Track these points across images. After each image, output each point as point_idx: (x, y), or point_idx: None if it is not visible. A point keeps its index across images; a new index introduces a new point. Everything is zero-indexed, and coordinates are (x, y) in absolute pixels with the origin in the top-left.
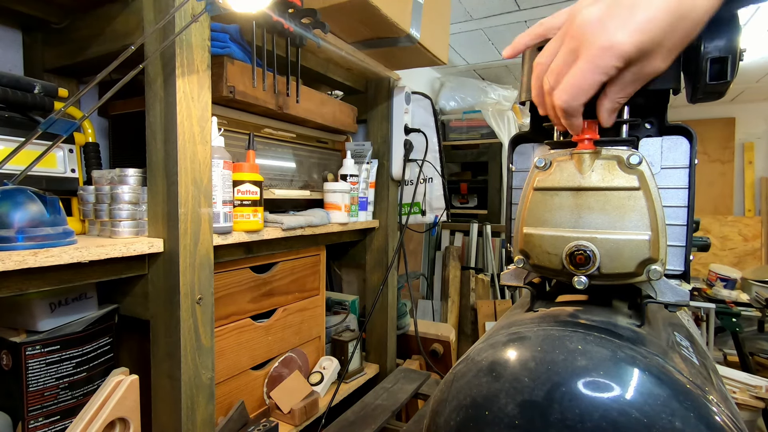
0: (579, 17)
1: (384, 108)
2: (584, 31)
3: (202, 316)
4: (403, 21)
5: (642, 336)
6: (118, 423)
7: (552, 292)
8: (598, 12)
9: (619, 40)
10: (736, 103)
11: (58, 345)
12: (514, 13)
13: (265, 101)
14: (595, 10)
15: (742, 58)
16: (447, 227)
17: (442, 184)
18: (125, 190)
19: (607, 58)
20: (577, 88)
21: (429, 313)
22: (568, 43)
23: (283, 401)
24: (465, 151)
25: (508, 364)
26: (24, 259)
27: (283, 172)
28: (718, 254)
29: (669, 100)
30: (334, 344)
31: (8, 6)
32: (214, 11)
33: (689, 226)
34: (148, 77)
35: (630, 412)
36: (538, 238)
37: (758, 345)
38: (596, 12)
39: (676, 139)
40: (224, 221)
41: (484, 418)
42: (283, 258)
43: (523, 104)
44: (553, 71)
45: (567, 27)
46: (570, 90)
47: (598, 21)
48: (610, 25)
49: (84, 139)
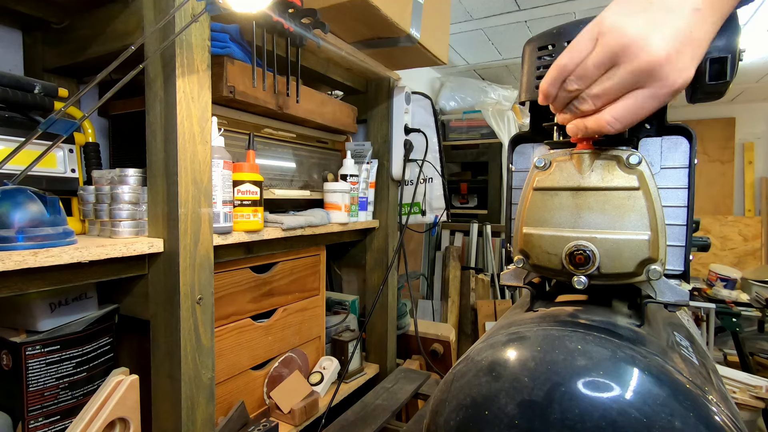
0: (645, 49)
1: (384, 108)
2: (650, 65)
3: (202, 316)
4: (403, 21)
5: (642, 336)
6: (118, 423)
7: (552, 292)
8: (669, 46)
9: (687, 76)
10: (736, 103)
11: (58, 345)
12: (514, 13)
13: (265, 101)
14: (664, 44)
15: (741, 58)
16: (447, 227)
17: (442, 184)
18: (125, 190)
19: (672, 92)
20: (633, 117)
21: (429, 313)
22: (630, 78)
23: (283, 401)
24: (465, 151)
25: (508, 364)
26: (24, 259)
27: (283, 172)
28: (718, 254)
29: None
30: (334, 344)
31: (8, 6)
32: (214, 11)
33: (689, 226)
34: (148, 77)
35: (630, 412)
36: (538, 238)
37: (758, 345)
38: (666, 45)
39: (675, 139)
40: (224, 221)
41: (484, 417)
42: (283, 258)
43: (523, 104)
44: (602, 96)
45: (623, 51)
46: (624, 119)
47: (672, 58)
48: (681, 62)
49: (84, 139)
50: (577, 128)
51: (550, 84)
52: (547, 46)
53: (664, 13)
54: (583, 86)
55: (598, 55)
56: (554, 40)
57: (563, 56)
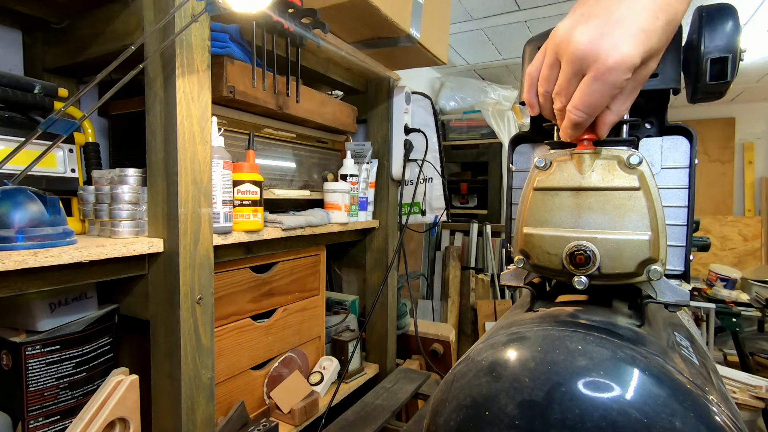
0: (572, 39)
1: (384, 108)
2: (585, 53)
3: (202, 316)
4: (403, 21)
5: (642, 336)
6: (118, 423)
7: (552, 292)
8: (592, 31)
9: (626, 54)
10: (736, 103)
11: (58, 345)
12: (514, 13)
13: (265, 101)
14: (587, 31)
15: (742, 58)
16: (447, 227)
17: (442, 184)
18: (125, 190)
19: (618, 73)
20: (593, 107)
21: (429, 313)
22: (569, 67)
23: (283, 401)
24: (465, 151)
25: (508, 364)
26: (24, 259)
27: (283, 172)
28: (718, 254)
29: (669, 100)
30: (334, 344)
31: (8, 6)
32: (214, 11)
33: (689, 226)
34: (148, 77)
35: (630, 412)
36: (538, 238)
37: (758, 345)
38: (590, 31)
39: (676, 139)
40: (224, 221)
41: (484, 418)
42: (283, 258)
43: (523, 104)
44: (561, 93)
45: (558, 47)
46: (586, 108)
47: (597, 40)
48: (610, 42)
49: (84, 139)
50: (563, 131)
51: (526, 92)
52: None
53: (590, 8)
54: (549, 88)
55: (548, 56)
56: None
57: (529, 66)
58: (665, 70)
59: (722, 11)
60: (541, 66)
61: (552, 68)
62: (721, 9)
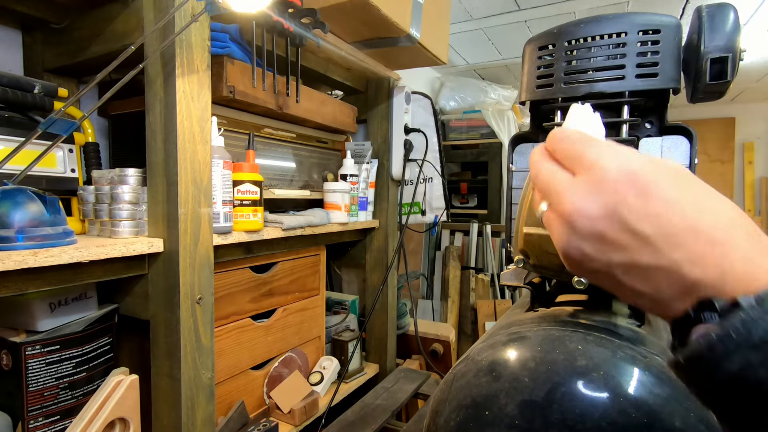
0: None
1: (384, 108)
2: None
3: (202, 316)
4: (403, 21)
5: (642, 336)
6: (118, 423)
7: (552, 292)
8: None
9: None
10: (736, 103)
11: (58, 345)
12: (514, 13)
13: (265, 101)
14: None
15: (742, 57)
16: (447, 227)
17: (442, 184)
18: (125, 190)
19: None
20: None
21: (429, 313)
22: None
23: (283, 401)
24: (465, 151)
25: (508, 364)
26: (24, 259)
27: (283, 172)
28: None
29: (669, 100)
30: (334, 344)
31: (8, 6)
32: (214, 11)
33: None
34: (148, 77)
35: (630, 412)
36: (538, 238)
37: None
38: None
39: (676, 138)
40: (224, 221)
41: (484, 418)
42: (283, 258)
43: (523, 104)
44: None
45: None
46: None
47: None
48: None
49: (84, 139)
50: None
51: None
52: (547, 45)
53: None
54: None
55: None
56: (554, 40)
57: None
58: (665, 69)
59: (722, 11)
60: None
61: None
62: (721, 8)
